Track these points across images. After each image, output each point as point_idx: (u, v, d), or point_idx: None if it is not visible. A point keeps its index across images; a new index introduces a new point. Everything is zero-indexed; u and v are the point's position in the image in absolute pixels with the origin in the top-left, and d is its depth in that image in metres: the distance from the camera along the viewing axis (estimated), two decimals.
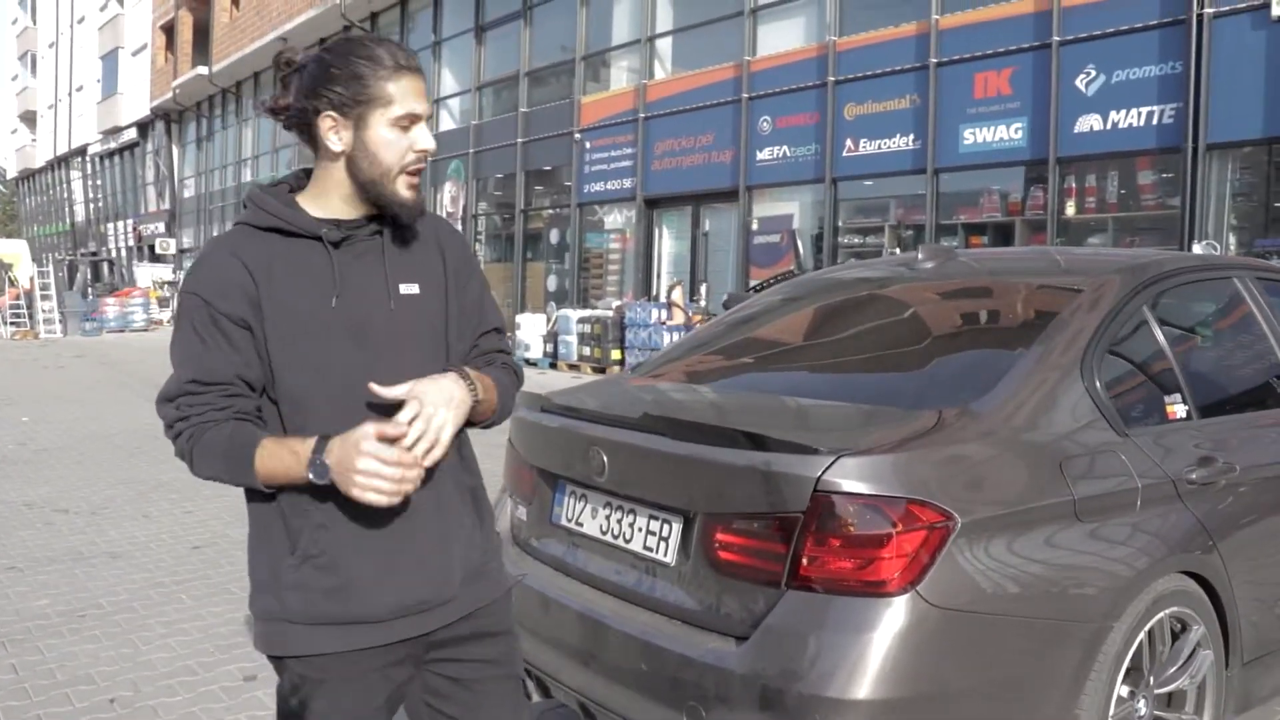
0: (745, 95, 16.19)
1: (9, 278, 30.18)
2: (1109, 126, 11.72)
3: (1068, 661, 2.41)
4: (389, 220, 1.88)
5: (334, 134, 1.81)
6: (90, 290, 34.81)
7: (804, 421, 2.77)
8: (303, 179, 1.95)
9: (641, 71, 18.38)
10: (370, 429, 1.69)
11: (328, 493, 1.77)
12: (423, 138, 1.83)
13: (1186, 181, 10.97)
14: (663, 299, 16.99)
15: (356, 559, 1.84)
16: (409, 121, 1.82)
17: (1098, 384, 2.71)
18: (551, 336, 18.08)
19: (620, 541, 2.74)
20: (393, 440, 1.70)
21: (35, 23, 60.45)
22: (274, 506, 1.84)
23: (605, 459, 2.73)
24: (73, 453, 9.22)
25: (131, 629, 4.55)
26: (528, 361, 18.01)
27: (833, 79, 14.83)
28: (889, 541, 2.24)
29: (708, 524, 2.47)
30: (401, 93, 1.81)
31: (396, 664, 1.91)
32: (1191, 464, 2.80)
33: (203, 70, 34.92)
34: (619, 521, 2.76)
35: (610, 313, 17.12)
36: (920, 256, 3.54)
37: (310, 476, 1.73)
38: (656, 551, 2.62)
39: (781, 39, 16.00)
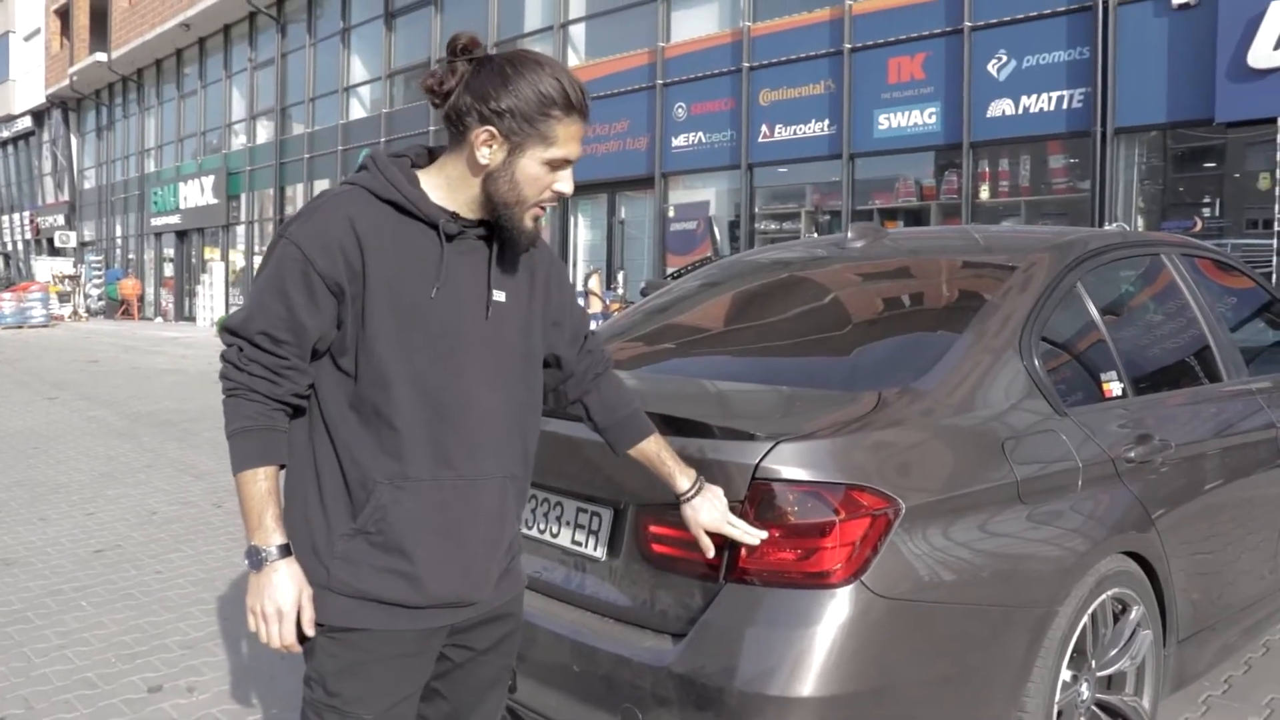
0: (660, 82, 16.08)
1: None
2: (1021, 111, 11.84)
3: (1015, 647, 2.34)
4: (500, 230, 1.89)
5: (486, 148, 1.80)
6: None
7: (738, 407, 2.65)
8: (424, 156, 1.94)
9: (555, 58, 18.11)
10: (306, 603, 1.83)
11: (399, 478, 1.82)
12: (565, 182, 1.86)
13: (1096, 165, 11.13)
14: (580, 288, 16.83)
15: (413, 546, 1.84)
16: (562, 165, 1.84)
17: (1036, 362, 2.65)
18: None
19: (547, 536, 2.61)
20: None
21: None
22: (339, 469, 1.84)
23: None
24: None
25: (25, 640, 4.28)
26: None
27: (747, 65, 14.79)
28: (831, 530, 2.14)
29: (639, 516, 2.35)
30: (566, 137, 1.82)
31: (428, 651, 1.93)
32: (1129, 442, 2.76)
33: (101, 57, 33.71)
34: (545, 515, 2.63)
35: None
36: (850, 236, 3.45)
37: (245, 553, 1.82)
38: (585, 546, 2.49)
39: (696, 25, 15.91)
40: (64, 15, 37.79)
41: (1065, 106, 11.47)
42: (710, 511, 2.13)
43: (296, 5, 25.29)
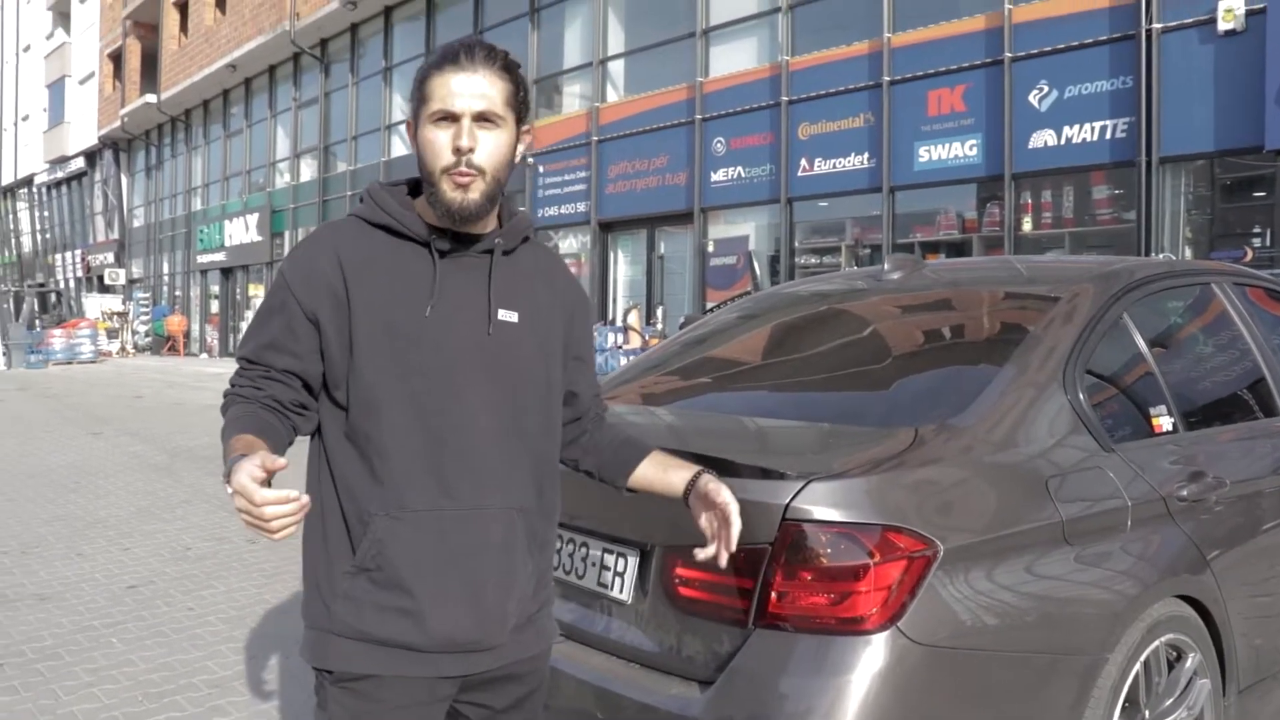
0: (699, 116, 16.10)
1: None
2: (1063, 142, 11.71)
3: (1062, 697, 2.22)
4: (501, 242, 1.83)
5: (411, 139, 1.79)
6: (38, 322, 34.10)
7: (769, 444, 2.57)
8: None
9: (594, 95, 18.25)
10: (255, 460, 1.53)
11: (396, 509, 1.73)
12: (460, 135, 1.71)
13: (1141, 195, 10.96)
14: (619, 323, 16.80)
15: (415, 581, 1.74)
16: (444, 119, 1.72)
17: (1081, 396, 2.54)
18: None
19: (572, 577, 2.52)
20: (270, 474, 1.54)
21: None
22: (338, 503, 1.77)
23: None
24: (6, 489, 8.83)
25: (54, 678, 4.25)
26: None
27: (786, 99, 14.77)
28: (866, 573, 2.04)
29: (666, 557, 2.26)
30: (438, 87, 1.73)
31: (439, 701, 1.81)
32: (1181, 480, 2.63)
33: (151, 98, 34.41)
34: (570, 555, 2.54)
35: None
36: (887, 268, 3.36)
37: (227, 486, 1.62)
38: (611, 588, 2.40)
39: (734, 60, 15.93)
40: (117, 59, 38.65)
41: (1108, 136, 11.32)
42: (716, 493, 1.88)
43: (339, 45, 25.69)
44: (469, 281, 1.80)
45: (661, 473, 1.99)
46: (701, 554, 1.87)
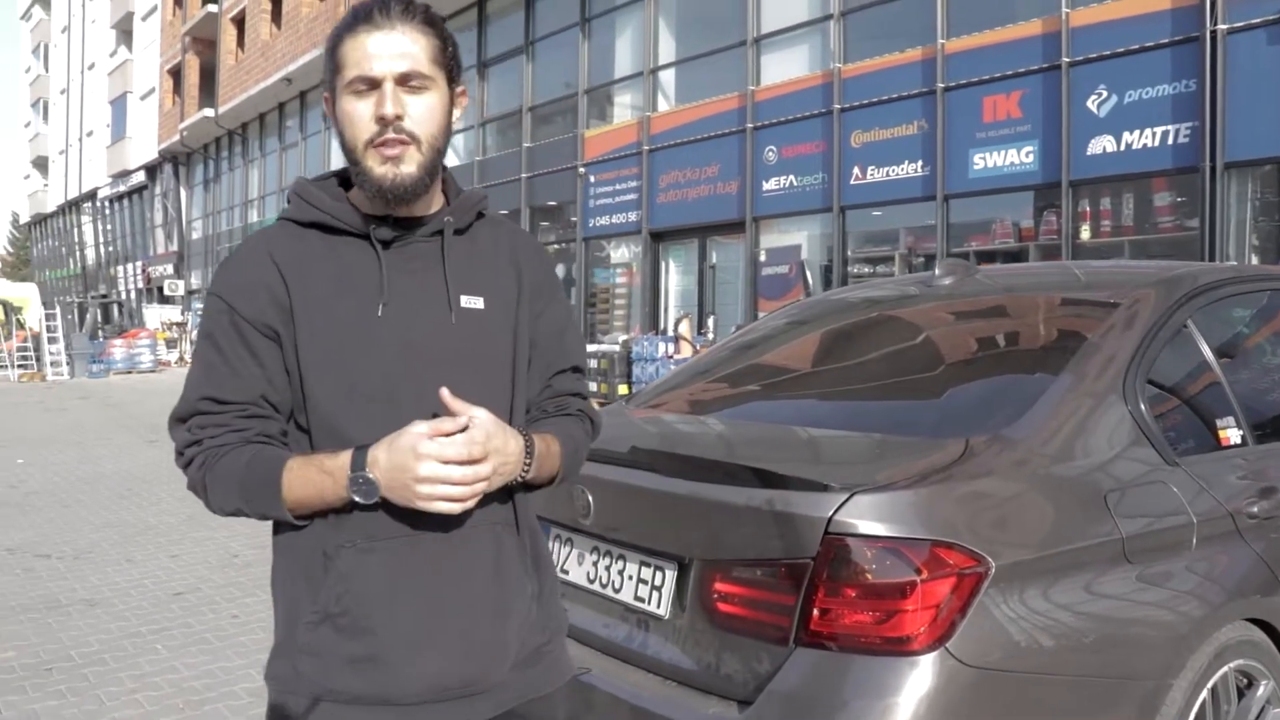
0: (750, 125, 15.99)
1: (17, 320, 30.16)
2: (1123, 148, 11.44)
3: None
4: (451, 220, 1.61)
5: (331, 118, 1.58)
6: (100, 332, 34.78)
7: (813, 454, 2.47)
8: None
9: (645, 104, 18.22)
10: (423, 427, 1.43)
11: (363, 539, 1.50)
12: (382, 103, 1.51)
13: (1205, 202, 10.67)
14: (670, 333, 16.72)
15: (388, 621, 1.52)
16: (363, 86, 1.52)
17: (1142, 406, 2.42)
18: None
19: (609, 591, 2.45)
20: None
21: (48, 70, 60.97)
22: (296, 543, 1.55)
23: (590, 498, 2.44)
24: (62, 496, 8.95)
25: (100, 683, 4.25)
26: None
27: (838, 106, 14.62)
28: (913, 591, 1.94)
29: (705, 572, 2.18)
30: (352, 51, 1.52)
31: None
32: (1251, 496, 2.50)
33: (209, 112, 35.00)
34: (607, 569, 2.47)
35: (617, 347, 16.85)
36: (938, 273, 3.25)
37: (355, 497, 1.46)
38: (649, 603, 2.32)
39: (785, 68, 15.82)
40: (176, 74, 39.38)
41: (1171, 142, 11.04)
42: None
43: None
44: (422, 270, 1.59)
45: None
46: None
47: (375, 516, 1.50)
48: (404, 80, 1.52)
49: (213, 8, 35.25)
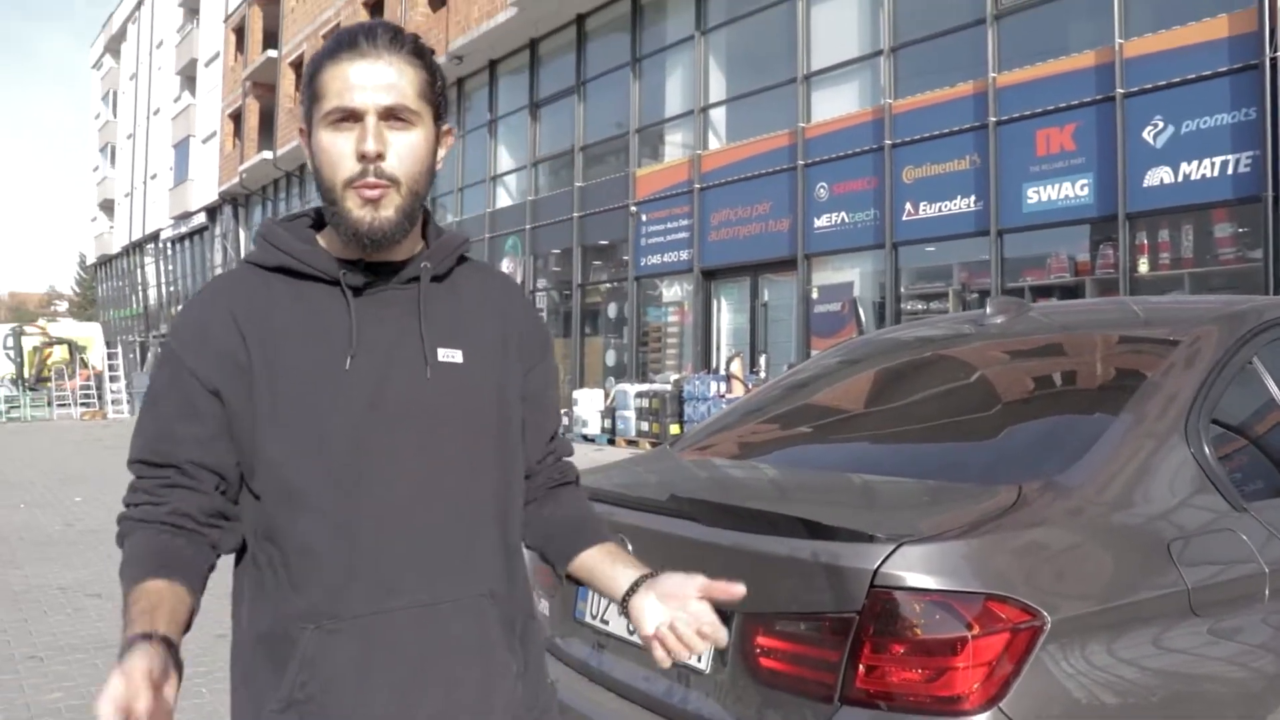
0: (801, 162, 15.96)
1: (81, 359, 30.81)
2: (1180, 179, 11.24)
3: None
4: (428, 266, 1.49)
5: (306, 150, 1.45)
6: None
7: (859, 501, 2.39)
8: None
9: (695, 142, 18.26)
10: (138, 669, 1.14)
11: (329, 618, 1.37)
12: (363, 139, 1.38)
13: (1268, 232, 10.42)
14: (721, 371, 16.64)
15: (359, 709, 1.38)
16: (343, 119, 1.39)
17: (1206, 449, 2.30)
18: (609, 412, 17.77)
19: None
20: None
21: (115, 116, 62.74)
22: (254, 621, 1.41)
23: (630, 548, 2.36)
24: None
25: None
26: (585, 438, 17.70)
27: (889, 142, 14.54)
28: (964, 647, 1.85)
29: (747, 625, 2.10)
30: (333, 81, 1.39)
31: None
32: None
33: (267, 154, 35.69)
34: None
35: (668, 387, 16.80)
36: (989, 311, 3.16)
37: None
38: (690, 656, 2.24)
39: (836, 104, 15.78)
40: (237, 118, 40.28)
41: (1230, 171, 10.82)
42: (654, 610, 1.46)
43: (446, 100, 26.24)
44: (396, 320, 1.46)
45: (608, 567, 1.58)
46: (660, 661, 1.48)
47: (339, 594, 1.38)
48: (388, 114, 1.39)
49: (272, 53, 36.04)
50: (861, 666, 1.90)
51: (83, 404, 29.06)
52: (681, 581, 1.47)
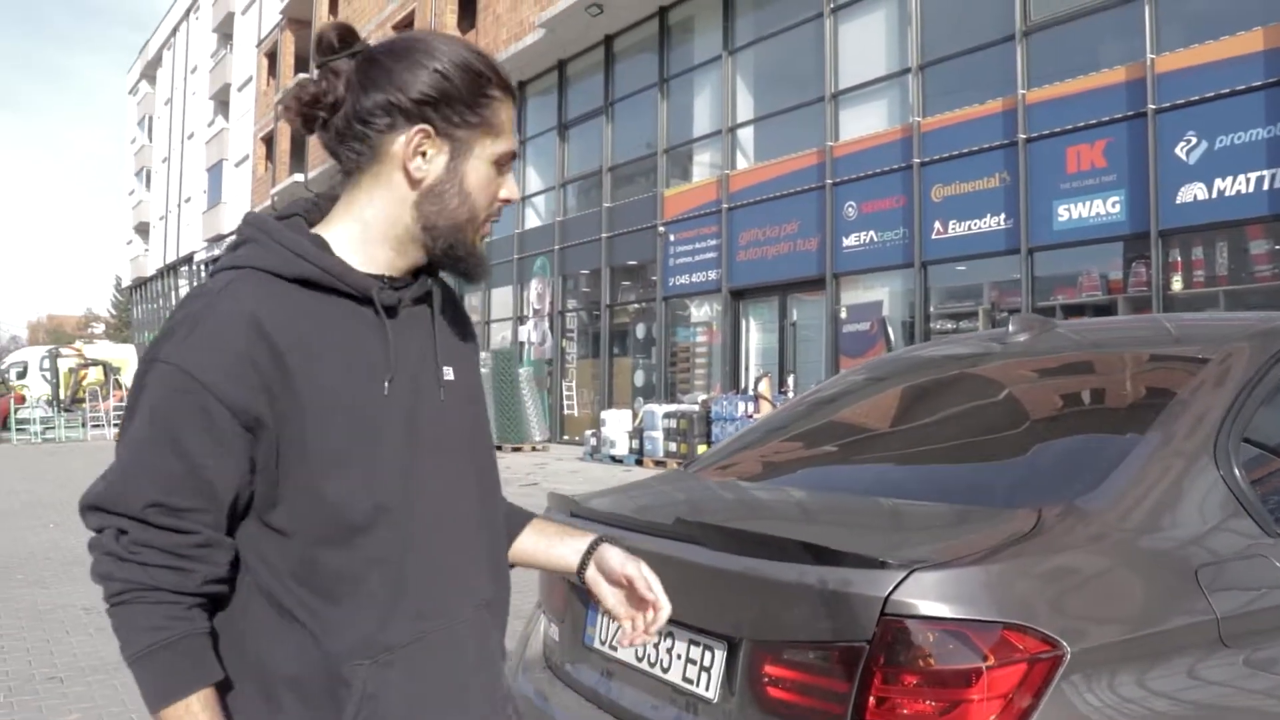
0: (829, 181, 15.88)
1: (115, 380, 31.13)
2: (1214, 195, 11.07)
3: None
4: (436, 286, 1.47)
5: (421, 156, 1.36)
6: None
7: (872, 525, 2.31)
8: (313, 210, 1.46)
9: (724, 162, 18.23)
10: None
11: (382, 652, 1.34)
12: (510, 186, 1.44)
13: None
14: (750, 391, 16.54)
15: None
16: (508, 162, 1.42)
17: (1236, 472, 2.21)
18: (637, 433, 17.70)
19: (657, 670, 2.30)
20: None
21: (151, 140, 63.61)
22: (295, 662, 1.32)
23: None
24: None
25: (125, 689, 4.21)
26: (613, 458, 17.63)
27: (918, 160, 14.44)
28: (979, 679, 1.77)
29: (755, 653, 2.02)
30: (508, 123, 1.40)
31: None
32: None
33: (299, 177, 36.00)
34: (655, 646, 2.32)
35: (696, 407, 16.72)
36: (1012, 329, 3.08)
37: None
38: (698, 684, 2.17)
39: (864, 122, 15.71)
40: (269, 141, 40.72)
41: (1266, 187, 10.64)
42: (612, 565, 1.60)
43: None
44: (414, 340, 1.41)
45: (546, 544, 1.65)
46: (623, 641, 1.61)
47: (385, 625, 1.35)
48: None
49: (304, 76, 36.21)
50: (871, 698, 1.82)
51: (116, 425, 29.30)
52: (622, 561, 1.61)
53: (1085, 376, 2.87)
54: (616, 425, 18.22)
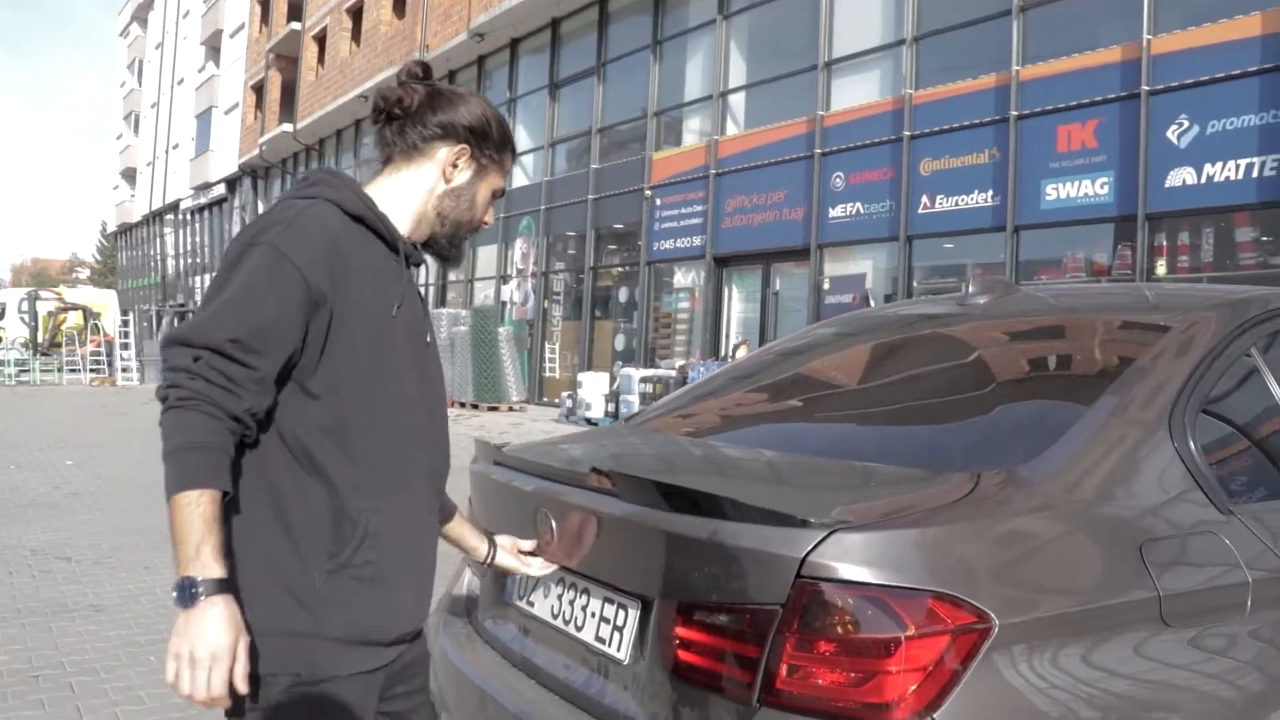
0: (818, 151, 15.69)
1: (95, 325, 30.83)
2: (1203, 180, 10.93)
3: None
4: (436, 249, 1.97)
5: (454, 166, 1.89)
6: None
7: (799, 483, 2.17)
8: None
9: (713, 128, 18.00)
10: (242, 651, 1.59)
11: (382, 503, 1.75)
12: (491, 213, 2.00)
13: None
14: (727, 358, 16.41)
15: (396, 576, 1.78)
16: (499, 194, 1.98)
17: (1191, 446, 2.08)
18: (614, 396, 17.57)
19: (571, 629, 2.18)
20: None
21: (140, 85, 62.76)
22: (313, 500, 1.70)
23: (554, 523, 2.17)
24: (101, 499, 8.92)
25: (83, 694, 4.08)
26: (588, 421, 17.51)
27: (908, 133, 14.26)
28: (898, 649, 1.64)
29: (667, 614, 1.89)
30: (508, 171, 2.01)
31: (377, 691, 1.82)
32: None
33: (288, 127, 35.58)
34: (571, 603, 2.20)
35: (673, 372, 16.59)
36: (972, 290, 2.95)
37: (173, 586, 1.58)
38: (609, 644, 2.04)
39: (856, 93, 15.50)
40: (259, 90, 40.18)
41: (1255, 175, 10.51)
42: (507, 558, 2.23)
43: (467, 77, 26.06)
44: (411, 290, 1.86)
45: (464, 535, 2.20)
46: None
47: (383, 485, 1.76)
48: None
49: (296, 25, 35.90)
50: (783, 666, 1.69)
51: (93, 370, 29.05)
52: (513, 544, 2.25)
53: (1041, 340, 2.74)
54: (593, 388, 18.09)
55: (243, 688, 1.58)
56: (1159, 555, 1.91)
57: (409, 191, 1.88)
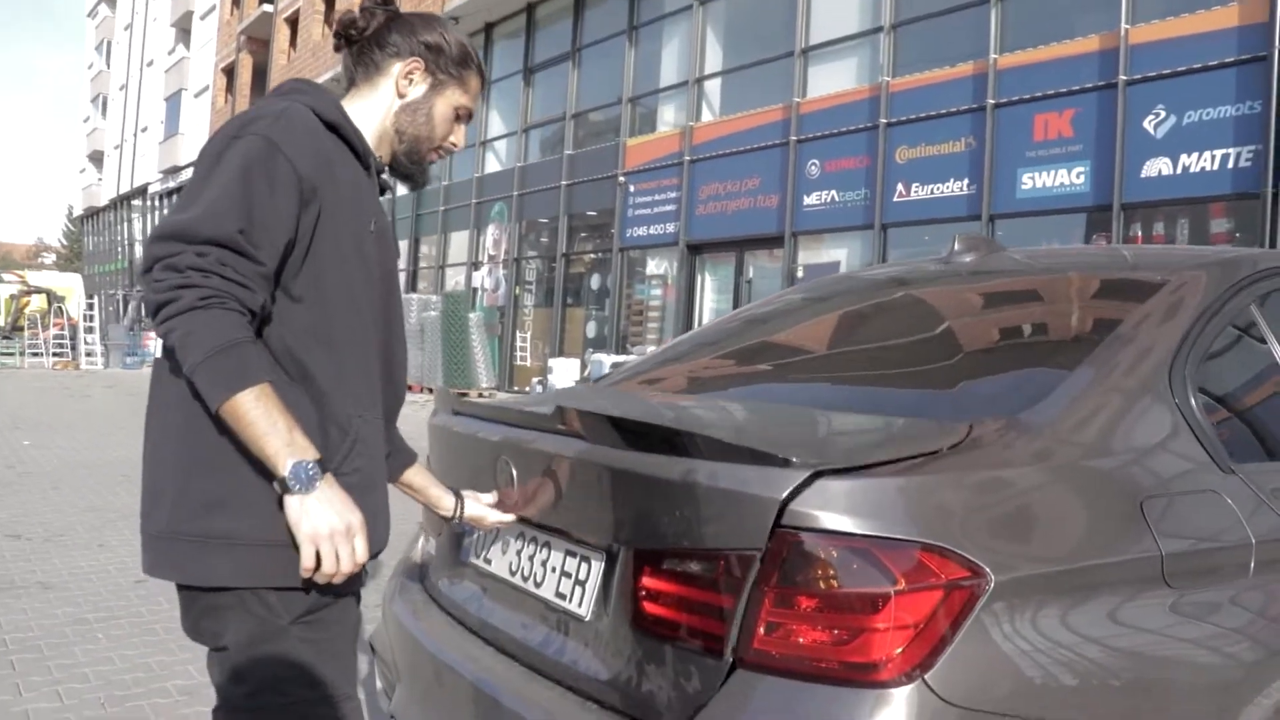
0: (794, 138, 15.56)
1: (57, 309, 30.35)
2: (1179, 171, 10.88)
3: None
4: (399, 169, 1.96)
5: (408, 80, 1.88)
6: (138, 325, 34.94)
7: (775, 426, 2.03)
8: None
9: (688, 114, 17.84)
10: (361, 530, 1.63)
11: (364, 410, 1.75)
12: (460, 134, 1.97)
13: (1265, 230, 10.09)
14: None
15: (382, 483, 1.81)
16: (465, 116, 1.95)
17: (1192, 402, 1.96)
18: (584, 382, 17.41)
19: (529, 585, 2.03)
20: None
21: (109, 66, 61.76)
22: (301, 405, 1.64)
23: (515, 472, 2.03)
24: (56, 478, 8.68)
25: (25, 671, 3.90)
26: None
27: (885, 121, 14.15)
28: (885, 604, 1.51)
29: (633, 563, 1.75)
30: (475, 91, 1.96)
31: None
32: None
33: None
34: (531, 558, 2.05)
35: (643, 358, 16.44)
36: (956, 248, 2.82)
37: (287, 474, 1.55)
38: (570, 599, 1.90)
39: (832, 80, 15.38)
40: (230, 73, 39.65)
41: (1231, 166, 10.47)
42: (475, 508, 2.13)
43: None
44: (381, 212, 1.86)
45: (427, 485, 2.12)
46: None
47: (364, 395, 1.76)
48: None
49: (268, 7, 35.42)
50: (760, 623, 1.55)
51: (55, 354, 28.58)
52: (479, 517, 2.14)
53: (1031, 297, 2.62)
54: (564, 373, 17.92)
55: (364, 557, 1.64)
56: (1161, 512, 1.79)
57: (370, 111, 1.87)
